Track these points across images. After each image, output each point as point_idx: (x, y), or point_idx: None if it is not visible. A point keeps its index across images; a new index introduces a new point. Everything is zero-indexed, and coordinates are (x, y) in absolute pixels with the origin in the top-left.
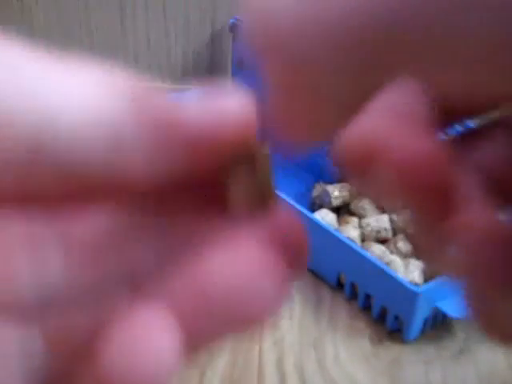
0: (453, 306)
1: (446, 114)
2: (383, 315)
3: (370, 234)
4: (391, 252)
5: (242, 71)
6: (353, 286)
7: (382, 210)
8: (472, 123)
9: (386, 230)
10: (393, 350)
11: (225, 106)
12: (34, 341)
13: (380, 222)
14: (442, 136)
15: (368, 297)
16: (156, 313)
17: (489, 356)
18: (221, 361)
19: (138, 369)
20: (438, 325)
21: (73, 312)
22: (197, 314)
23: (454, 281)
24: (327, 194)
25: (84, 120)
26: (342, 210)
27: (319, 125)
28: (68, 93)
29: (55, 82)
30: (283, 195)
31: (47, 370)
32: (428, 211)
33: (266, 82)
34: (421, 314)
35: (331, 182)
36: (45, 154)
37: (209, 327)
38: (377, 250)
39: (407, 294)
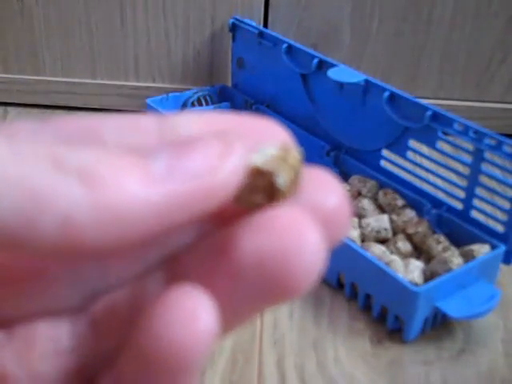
0: (453, 305)
1: None
2: (383, 315)
3: (370, 234)
4: (391, 252)
5: (242, 71)
6: (353, 286)
7: (382, 210)
8: None
9: (385, 229)
10: (393, 350)
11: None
12: (80, 325)
13: (380, 221)
14: None
15: (368, 297)
16: (192, 292)
17: (489, 356)
18: (221, 361)
19: (179, 342)
20: (438, 325)
21: (115, 294)
22: (232, 289)
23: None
24: None
25: None
26: None
27: None
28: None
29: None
30: None
31: (91, 350)
32: None
33: None
34: (421, 314)
35: None
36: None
37: (244, 300)
38: (377, 250)
39: (407, 294)
